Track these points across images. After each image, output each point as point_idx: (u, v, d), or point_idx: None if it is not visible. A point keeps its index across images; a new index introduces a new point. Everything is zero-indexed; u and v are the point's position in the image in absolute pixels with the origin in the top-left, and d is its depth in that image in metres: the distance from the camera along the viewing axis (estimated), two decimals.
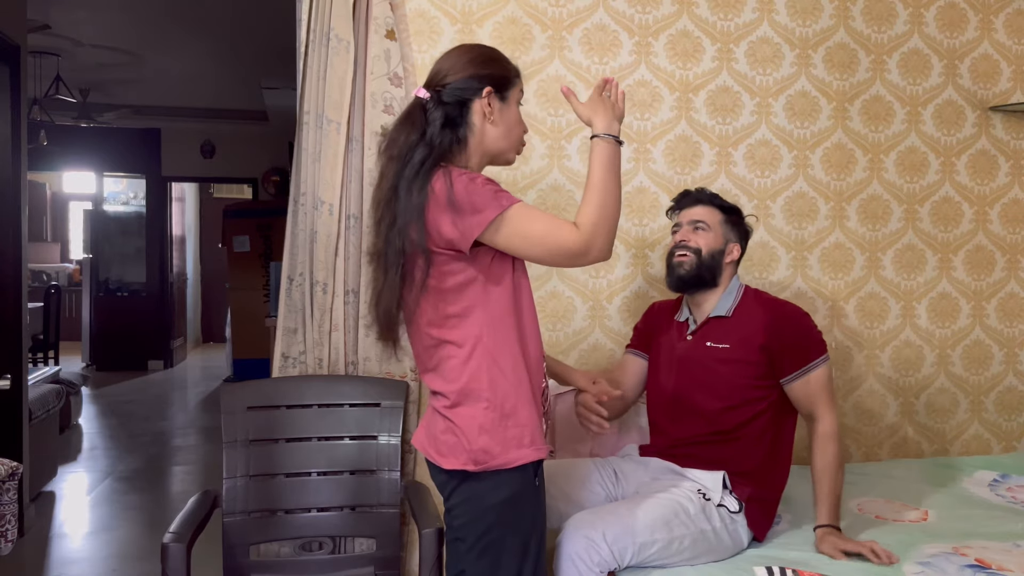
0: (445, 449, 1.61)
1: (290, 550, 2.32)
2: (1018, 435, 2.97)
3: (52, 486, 4.48)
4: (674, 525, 1.87)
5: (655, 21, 2.62)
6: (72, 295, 10.14)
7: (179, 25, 5.35)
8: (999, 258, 2.92)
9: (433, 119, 1.58)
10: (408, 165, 1.55)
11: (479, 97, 1.60)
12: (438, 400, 1.65)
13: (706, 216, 2.13)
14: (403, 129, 1.60)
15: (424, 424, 1.72)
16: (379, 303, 1.63)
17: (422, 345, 1.66)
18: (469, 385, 1.59)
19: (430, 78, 1.64)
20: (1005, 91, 2.90)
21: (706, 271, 2.11)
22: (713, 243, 2.11)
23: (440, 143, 1.57)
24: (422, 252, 1.54)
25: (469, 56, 1.63)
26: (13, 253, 3.61)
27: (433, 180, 1.53)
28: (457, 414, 1.59)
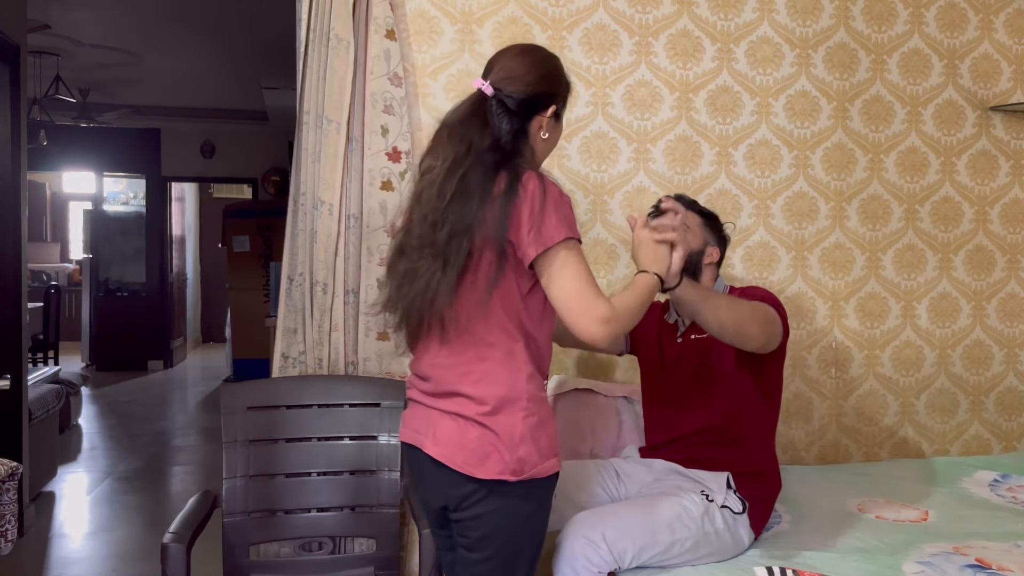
0: (476, 459, 1.52)
1: (290, 550, 2.32)
2: (1018, 435, 2.97)
3: (52, 486, 4.48)
4: (676, 528, 1.86)
5: (655, 21, 2.62)
6: (72, 295, 10.14)
7: (179, 25, 5.35)
8: (999, 258, 2.92)
9: (500, 122, 1.57)
10: (479, 161, 1.52)
11: (543, 113, 1.61)
12: (469, 406, 1.54)
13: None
14: (472, 124, 1.57)
15: (442, 433, 1.57)
16: (424, 298, 1.53)
17: (461, 346, 1.56)
18: (511, 392, 1.53)
19: (496, 76, 1.60)
20: (1005, 91, 2.90)
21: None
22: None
23: (512, 149, 1.56)
24: (499, 250, 1.49)
25: (542, 71, 1.62)
26: (13, 253, 3.61)
27: (525, 179, 1.50)
28: (496, 422, 1.52)
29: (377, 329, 2.38)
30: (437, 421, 1.59)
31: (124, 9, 5.07)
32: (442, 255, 1.51)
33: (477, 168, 1.51)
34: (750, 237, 2.70)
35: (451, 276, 1.50)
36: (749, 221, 2.71)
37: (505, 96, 1.58)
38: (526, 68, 1.60)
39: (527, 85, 1.59)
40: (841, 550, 1.93)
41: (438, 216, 1.51)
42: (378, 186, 2.37)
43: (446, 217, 1.51)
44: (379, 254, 2.37)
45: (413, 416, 1.67)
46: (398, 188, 2.38)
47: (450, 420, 1.57)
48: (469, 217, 1.49)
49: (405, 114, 2.38)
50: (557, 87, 1.64)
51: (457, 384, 1.56)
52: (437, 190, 1.53)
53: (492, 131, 1.56)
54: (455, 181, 1.51)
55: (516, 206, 1.48)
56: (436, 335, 1.57)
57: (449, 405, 1.57)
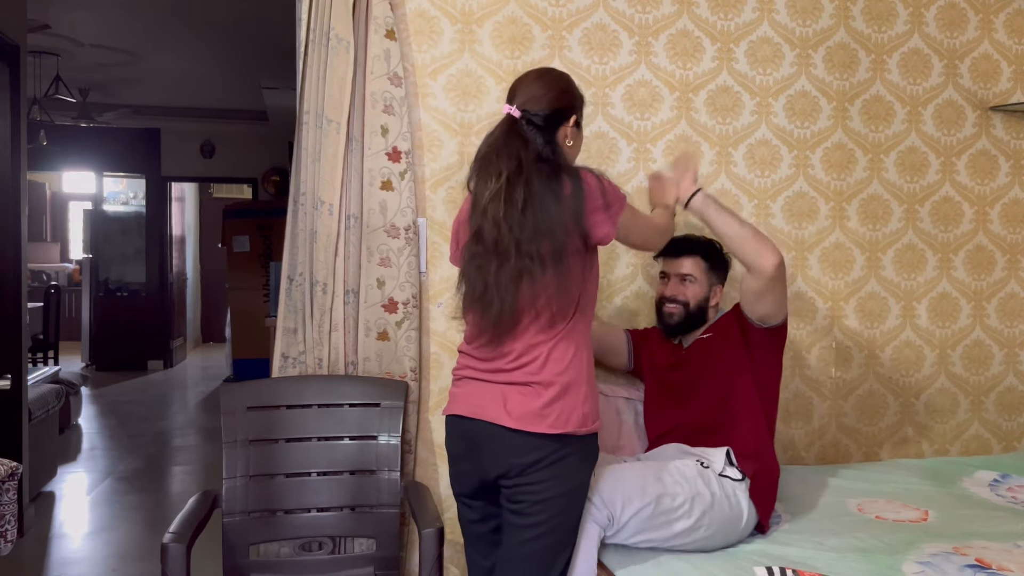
0: (550, 421, 1.72)
1: (290, 550, 2.32)
2: (1018, 435, 2.97)
3: (52, 486, 4.49)
4: (667, 481, 1.92)
5: (655, 21, 2.62)
6: (72, 295, 10.14)
7: (179, 25, 5.35)
8: (999, 258, 2.92)
9: (534, 138, 1.80)
10: (537, 172, 1.74)
11: (566, 123, 1.85)
12: (540, 375, 1.75)
13: (693, 269, 2.29)
14: (513, 142, 1.78)
15: (514, 402, 1.76)
16: (511, 292, 1.72)
17: (536, 327, 1.77)
18: (575, 361, 1.77)
19: (521, 99, 1.83)
20: (1005, 91, 2.90)
21: (695, 318, 2.30)
22: (700, 293, 2.29)
23: (552, 155, 1.80)
24: (579, 239, 1.74)
25: (559, 88, 1.86)
26: (13, 253, 3.61)
27: (584, 176, 1.75)
28: (564, 386, 1.74)
29: (377, 329, 2.38)
30: (507, 394, 1.77)
31: (124, 9, 5.07)
32: (527, 254, 1.71)
33: (537, 176, 1.74)
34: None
35: (539, 269, 1.71)
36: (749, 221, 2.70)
37: (532, 115, 1.81)
38: (545, 89, 1.84)
39: (548, 103, 1.82)
40: (841, 550, 1.93)
41: (514, 221, 1.71)
42: (378, 186, 2.37)
43: (525, 221, 1.71)
44: (379, 254, 2.38)
45: (470, 393, 1.84)
46: (398, 188, 2.38)
47: (520, 390, 1.76)
48: (550, 219, 1.71)
49: (405, 114, 2.38)
50: (573, 100, 1.88)
51: (531, 355, 1.76)
52: (504, 200, 1.72)
53: (531, 145, 1.78)
54: (522, 189, 1.72)
55: (585, 199, 1.73)
56: (526, 322, 1.77)
57: (518, 377, 1.77)
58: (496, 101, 2.50)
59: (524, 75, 1.90)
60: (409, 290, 2.39)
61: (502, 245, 1.72)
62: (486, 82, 2.50)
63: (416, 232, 2.40)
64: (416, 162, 2.47)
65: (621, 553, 1.95)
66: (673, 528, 1.90)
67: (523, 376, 1.76)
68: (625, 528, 1.88)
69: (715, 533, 1.94)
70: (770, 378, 2.23)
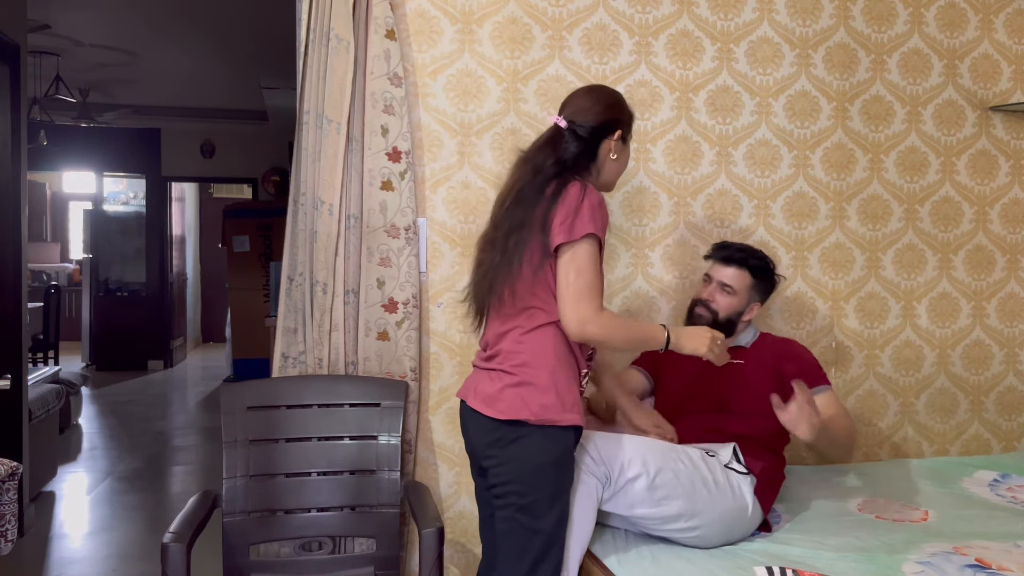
0: (504, 405, 1.79)
1: (290, 550, 2.32)
2: (1018, 435, 2.97)
3: (52, 486, 4.49)
4: (669, 456, 1.94)
5: (655, 21, 2.62)
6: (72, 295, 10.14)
7: (179, 25, 5.35)
8: (999, 258, 2.92)
9: (568, 147, 1.87)
10: (539, 176, 1.84)
11: (610, 137, 1.91)
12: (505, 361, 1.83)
13: (735, 280, 2.27)
14: (543, 151, 1.88)
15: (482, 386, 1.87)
16: (486, 280, 1.87)
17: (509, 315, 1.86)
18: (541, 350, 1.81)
19: (570, 111, 1.91)
20: (1005, 91, 2.90)
21: (722, 328, 2.26)
22: (735, 306, 2.28)
23: (572, 167, 1.86)
24: (542, 240, 1.79)
25: (608, 102, 1.92)
26: (13, 253, 3.61)
27: (569, 185, 1.80)
28: (525, 373, 1.80)
29: (377, 329, 2.38)
30: (481, 378, 1.89)
31: (124, 9, 5.07)
32: (500, 247, 1.83)
33: (535, 181, 1.84)
34: (750, 237, 2.70)
35: (505, 262, 1.82)
36: (749, 221, 2.71)
37: (577, 127, 1.88)
38: (593, 102, 1.91)
39: (595, 115, 1.89)
40: (841, 550, 1.93)
41: (499, 219, 1.87)
42: (378, 186, 2.37)
43: (504, 219, 1.85)
44: (379, 254, 2.38)
45: (469, 378, 1.96)
46: (398, 188, 2.38)
47: (489, 374, 1.87)
48: (522, 216, 1.81)
49: (405, 114, 2.38)
50: (621, 114, 1.94)
51: (499, 343, 1.86)
52: (501, 202, 1.90)
53: (557, 154, 1.86)
54: (514, 193, 1.86)
55: (558, 204, 1.78)
56: (494, 310, 1.89)
57: (491, 363, 1.87)
58: (496, 101, 2.50)
59: (576, 89, 1.99)
60: (409, 290, 2.39)
61: (488, 238, 1.89)
62: (486, 82, 2.50)
63: (416, 232, 2.40)
64: (416, 162, 2.47)
65: (620, 552, 1.95)
66: (670, 507, 1.90)
67: (492, 363, 1.88)
68: (620, 494, 1.88)
69: (714, 522, 1.94)
70: None
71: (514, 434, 1.79)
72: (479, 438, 1.87)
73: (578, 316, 1.75)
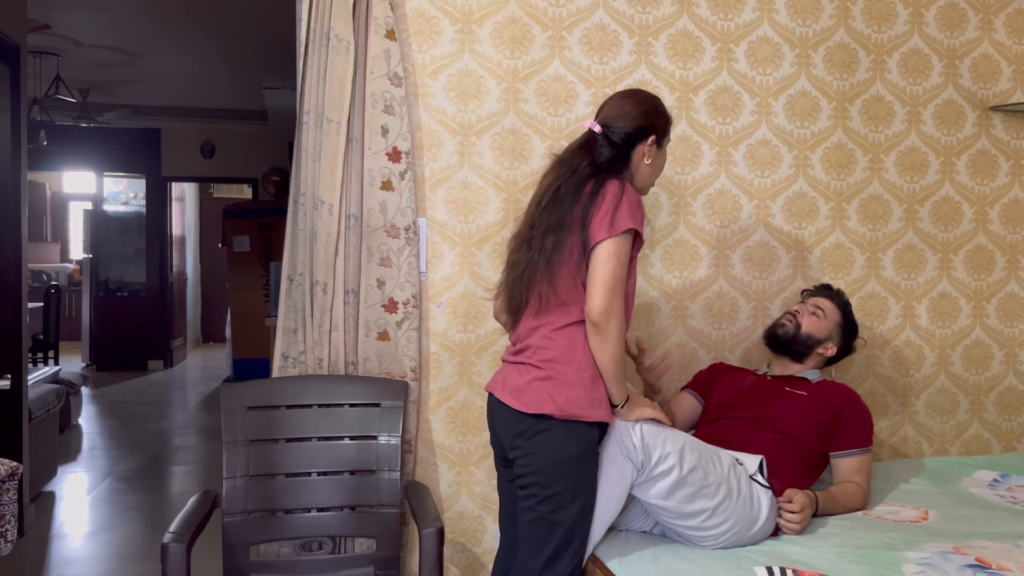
0: (530, 398, 1.83)
1: (290, 550, 2.32)
2: (1018, 435, 2.97)
3: (52, 486, 4.49)
4: (706, 457, 1.95)
5: (655, 21, 2.62)
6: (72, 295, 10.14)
7: (179, 25, 5.35)
8: (999, 258, 2.92)
9: (602, 151, 1.91)
10: (575, 176, 1.87)
11: (643, 142, 1.94)
12: (534, 356, 1.88)
13: (826, 307, 2.41)
14: (577, 153, 1.92)
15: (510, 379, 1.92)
16: (521, 279, 1.90)
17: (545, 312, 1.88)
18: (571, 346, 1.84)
19: (604, 116, 1.95)
20: (1005, 91, 2.90)
21: (797, 346, 2.39)
22: (817, 330, 2.38)
23: (607, 168, 1.89)
24: (582, 238, 1.81)
25: (643, 108, 1.94)
26: (13, 253, 3.61)
27: (608, 183, 1.83)
28: (553, 368, 1.84)
29: (377, 329, 2.38)
30: (509, 371, 1.94)
31: (124, 9, 5.07)
32: (537, 246, 1.86)
33: (572, 180, 1.87)
34: (750, 237, 2.71)
35: (544, 260, 1.85)
36: (749, 221, 2.71)
37: (611, 131, 1.92)
38: (628, 107, 1.94)
39: (630, 120, 1.92)
40: (841, 550, 1.93)
41: (535, 219, 1.90)
42: (378, 186, 2.37)
43: (541, 218, 1.88)
44: (379, 254, 2.38)
45: (497, 372, 2.01)
46: (398, 188, 2.38)
47: (517, 368, 1.91)
48: (560, 216, 1.84)
49: (405, 114, 2.38)
50: (656, 120, 1.96)
51: (529, 338, 1.90)
52: (536, 201, 1.93)
53: (592, 157, 1.89)
54: (551, 192, 1.89)
55: (598, 201, 1.81)
56: (531, 308, 1.90)
57: (520, 356, 1.92)
58: (496, 101, 2.50)
59: (614, 94, 2.02)
60: (409, 290, 2.39)
61: (523, 237, 1.92)
62: (486, 82, 2.50)
63: (416, 232, 2.40)
64: (416, 162, 2.47)
65: (620, 552, 1.95)
66: (692, 505, 1.91)
67: (521, 356, 1.92)
68: (649, 483, 1.89)
69: (727, 528, 1.95)
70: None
71: (539, 427, 1.83)
72: (505, 429, 1.90)
73: (607, 306, 1.78)
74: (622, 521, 2.07)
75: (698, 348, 2.69)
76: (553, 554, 1.82)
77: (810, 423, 2.24)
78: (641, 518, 2.07)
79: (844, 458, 2.28)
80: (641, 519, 2.08)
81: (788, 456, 2.19)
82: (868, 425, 2.32)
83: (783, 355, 2.42)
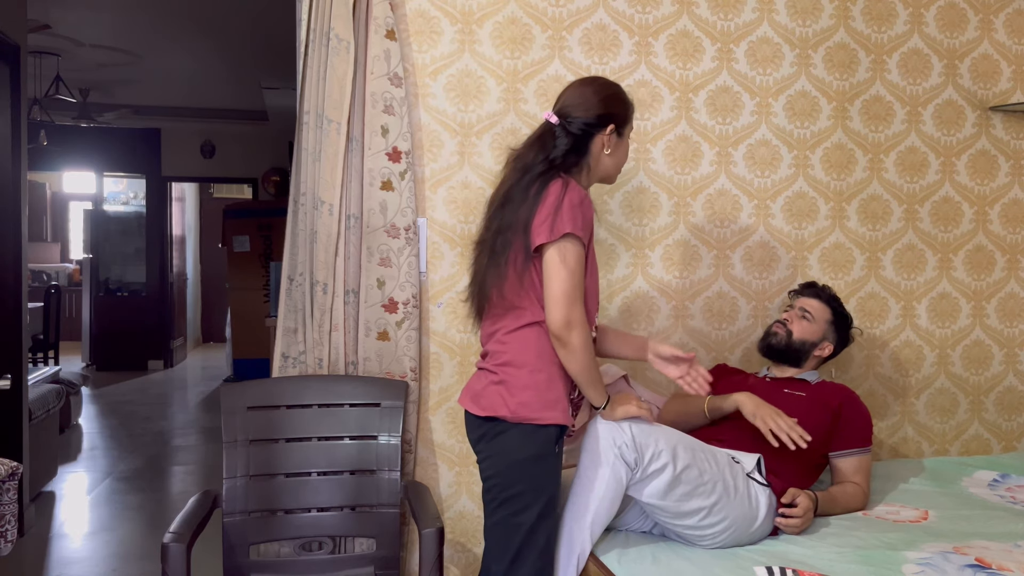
0: (486, 402, 1.85)
1: (290, 550, 2.32)
2: (1018, 435, 2.97)
3: (52, 486, 4.49)
4: (699, 455, 1.94)
5: (655, 21, 2.62)
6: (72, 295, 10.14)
7: (179, 25, 5.35)
8: (999, 258, 2.92)
9: (559, 144, 1.85)
10: (527, 175, 1.83)
11: (602, 132, 1.88)
12: (490, 360, 1.89)
13: (815, 310, 2.41)
14: (532, 148, 1.87)
15: (470, 384, 1.96)
16: (478, 283, 1.90)
17: (498, 315, 1.89)
18: (524, 349, 1.84)
19: (561, 106, 1.89)
20: (1005, 91, 2.90)
21: (792, 353, 2.40)
22: (809, 334, 2.40)
23: (561, 164, 1.85)
24: (522, 244, 1.79)
25: (600, 96, 1.88)
26: (13, 253, 3.61)
27: (551, 185, 1.80)
28: (506, 372, 1.85)
29: (377, 329, 2.38)
30: (473, 377, 1.97)
31: (124, 9, 5.07)
32: (489, 249, 1.86)
33: (522, 181, 1.83)
34: (750, 237, 2.71)
35: (494, 264, 1.84)
36: (749, 221, 2.71)
37: (569, 122, 1.86)
38: (585, 95, 1.88)
39: (587, 110, 1.86)
40: (841, 550, 1.93)
41: (489, 220, 1.89)
42: (378, 186, 2.37)
43: (493, 221, 1.87)
44: (379, 254, 2.38)
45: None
46: (398, 188, 2.38)
47: (478, 373, 1.94)
48: (509, 217, 1.82)
49: (405, 114, 2.38)
50: (616, 108, 1.90)
51: (488, 344, 1.92)
52: (490, 202, 1.92)
53: (547, 152, 1.84)
54: (502, 193, 1.87)
55: (539, 204, 1.78)
56: (488, 312, 1.91)
57: (481, 363, 1.94)
58: (496, 101, 2.50)
59: (573, 81, 1.96)
60: (409, 290, 2.39)
61: (482, 240, 1.91)
62: (486, 82, 2.50)
63: (416, 232, 2.40)
64: (416, 162, 2.47)
65: (620, 552, 1.95)
66: (687, 504, 1.90)
67: (482, 362, 1.95)
68: (644, 482, 1.88)
69: (725, 527, 1.94)
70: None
71: (495, 430, 1.84)
72: (469, 434, 1.95)
73: (567, 317, 1.76)
74: (621, 521, 2.07)
75: (698, 348, 2.69)
76: (516, 556, 1.82)
77: (810, 424, 2.24)
78: (640, 518, 2.07)
79: (844, 458, 2.28)
80: (640, 519, 2.07)
81: (788, 457, 2.19)
82: (867, 425, 2.32)
83: (781, 362, 2.43)
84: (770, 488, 2.05)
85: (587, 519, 1.88)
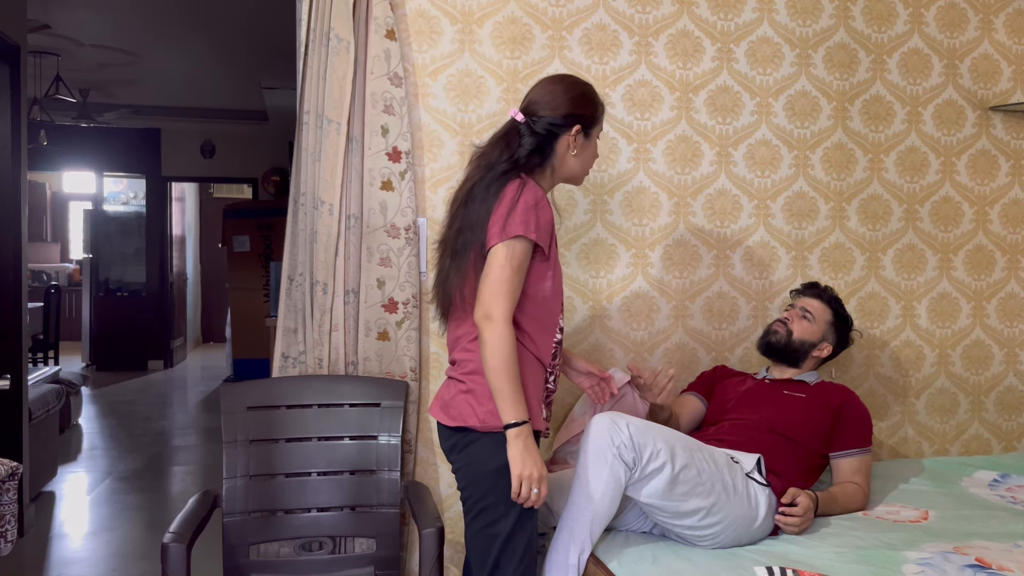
0: (454, 412, 1.81)
1: (290, 550, 2.32)
2: (1018, 435, 2.97)
3: (52, 486, 4.49)
4: (697, 456, 1.93)
5: (655, 21, 2.62)
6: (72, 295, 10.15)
7: (179, 25, 5.36)
8: (999, 258, 2.92)
9: (524, 143, 1.80)
10: (490, 173, 1.79)
11: (567, 133, 1.82)
12: (457, 368, 1.84)
13: (816, 310, 2.42)
14: (497, 146, 1.82)
15: (439, 394, 1.91)
16: (441, 284, 1.86)
17: (461, 319, 1.84)
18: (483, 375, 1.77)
19: (527, 105, 1.84)
20: (1005, 91, 2.90)
21: (791, 352, 2.40)
22: (809, 335, 2.40)
23: (524, 164, 1.80)
24: (480, 244, 1.75)
25: (568, 96, 1.82)
26: (13, 253, 3.61)
27: (508, 186, 1.76)
28: (473, 379, 1.79)
29: (377, 329, 2.38)
30: (443, 386, 1.91)
31: (124, 9, 5.07)
32: (450, 249, 1.82)
33: (484, 180, 1.79)
34: (750, 237, 2.71)
35: (455, 264, 1.80)
36: (749, 221, 2.71)
37: (534, 120, 1.81)
38: (550, 95, 1.82)
39: (552, 109, 1.81)
40: (841, 550, 1.93)
41: (452, 220, 1.84)
42: (378, 186, 2.37)
43: (455, 220, 1.83)
44: (379, 254, 2.38)
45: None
46: (398, 188, 2.38)
47: (447, 383, 1.89)
48: (470, 217, 1.78)
49: (405, 114, 2.38)
50: (583, 108, 1.83)
51: (454, 351, 1.87)
52: (453, 199, 1.87)
53: (511, 150, 1.80)
54: (464, 192, 1.83)
55: (496, 204, 1.75)
56: (452, 316, 1.86)
57: (449, 371, 1.88)
58: (496, 101, 2.50)
59: (543, 78, 1.90)
60: (409, 290, 2.39)
61: (445, 239, 1.87)
62: (486, 82, 2.50)
63: (416, 232, 2.40)
64: (416, 162, 2.47)
65: (620, 552, 1.95)
66: (686, 503, 1.90)
67: (450, 370, 1.89)
68: (642, 482, 1.87)
69: (724, 527, 1.94)
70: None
71: (465, 440, 1.80)
72: (442, 444, 1.90)
73: (488, 310, 1.69)
74: (621, 521, 2.07)
75: (698, 348, 2.69)
76: (495, 566, 1.79)
77: (810, 425, 2.24)
78: (640, 518, 2.07)
79: (844, 459, 2.28)
80: (640, 519, 2.07)
81: (788, 457, 2.19)
82: (867, 425, 2.32)
83: (779, 361, 2.43)
84: (770, 488, 2.05)
85: (587, 519, 1.88)
